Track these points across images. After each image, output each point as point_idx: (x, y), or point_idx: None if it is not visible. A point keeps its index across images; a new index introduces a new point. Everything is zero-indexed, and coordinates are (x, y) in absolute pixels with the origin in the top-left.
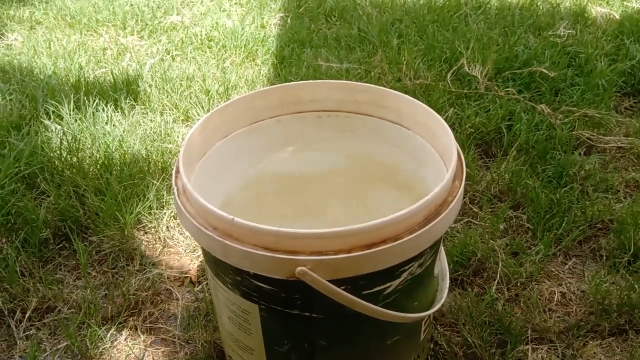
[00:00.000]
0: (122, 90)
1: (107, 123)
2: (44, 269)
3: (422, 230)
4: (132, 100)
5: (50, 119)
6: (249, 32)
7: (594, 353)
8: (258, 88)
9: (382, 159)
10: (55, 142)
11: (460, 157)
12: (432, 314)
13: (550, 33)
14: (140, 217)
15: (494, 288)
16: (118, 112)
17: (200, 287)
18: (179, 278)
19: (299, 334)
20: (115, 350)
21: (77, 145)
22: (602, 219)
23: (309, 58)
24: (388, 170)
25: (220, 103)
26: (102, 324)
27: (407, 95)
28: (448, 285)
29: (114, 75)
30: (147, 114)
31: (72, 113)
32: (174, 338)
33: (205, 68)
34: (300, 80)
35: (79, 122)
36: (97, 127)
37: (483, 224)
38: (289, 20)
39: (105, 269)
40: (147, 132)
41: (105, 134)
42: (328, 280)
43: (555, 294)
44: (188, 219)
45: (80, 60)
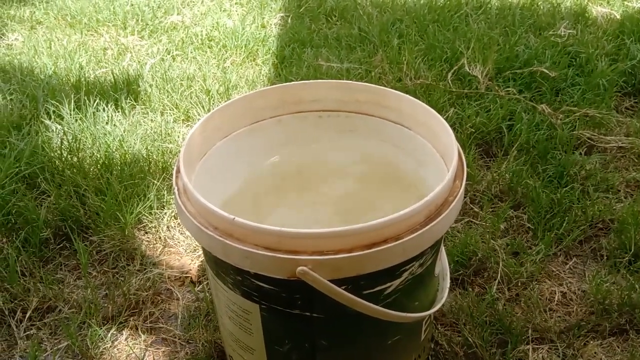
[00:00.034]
0: (122, 90)
1: (107, 123)
2: (45, 269)
3: (423, 230)
4: (132, 100)
5: (51, 119)
6: (250, 32)
7: (595, 353)
8: (258, 88)
9: (382, 159)
10: (56, 142)
11: (461, 157)
12: (432, 314)
13: (551, 33)
14: (141, 217)
15: (495, 288)
16: (118, 112)
17: (201, 286)
18: (180, 278)
19: (300, 334)
20: (116, 350)
21: (77, 145)
22: (602, 219)
23: (310, 58)
24: (388, 170)
25: (221, 103)
26: (102, 324)
27: (407, 95)
28: (449, 285)
29: (115, 75)
30: (147, 114)
31: (72, 113)
32: (175, 338)
33: (206, 68)
34: (301, 80)
35: (80, 122)
36: (97, 127)
37: (484, 224)
38: (290, 20)
39: (106, 269)
40: (147, 132)
41: (106, 134)
42: (329, 280)
43: (556, 294)
44: (189, 219)
45: (81, 60)
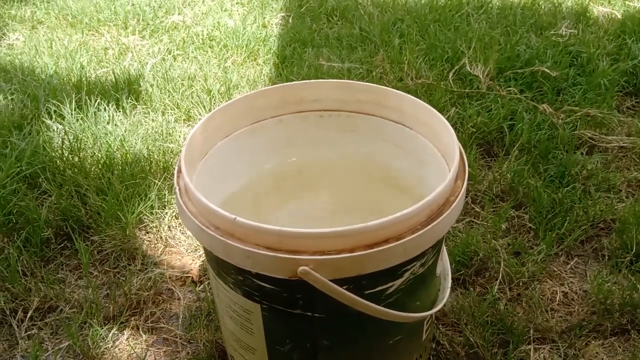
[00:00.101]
0: (123, 90)
1: (108, 123)
2: (46, 269)
3: (424, 230)
4: (133, 100)
5: (52, 119)
6: (251, 31)
7: (596, 353)
8: (259, 88)
9: (383, 159)
10: (57, 141)
11: (463, 156)
12: (434, 314)
13: (552, 32)
14: (142, 216)
15: (496, 288)
16: (119, 111)
17: (202, 286)
18: (181, 278)
19: (301, 334)
20: (117, 350)
21: (78, 145)
22: (604, 219)
23: (311, 58)
24: (390, 170)
25: (222, 103)
26: (103, 324)
27: (409, 95)
28: (450, 285)
29: (116, 75)
30: (148, 114)
31: (73, 113)
32: (176, 338)
33: (207, 68)
34: (302, 80)
35: (81, 121)
36: (98, 126)
37: (485, 224)
38: (291, 20)
39: (107, 269)
40: (148, 131)
41: (107, 134)
42: (330, 280)
43: (558, 294)
44: (190, 219)
45: (82, 60)
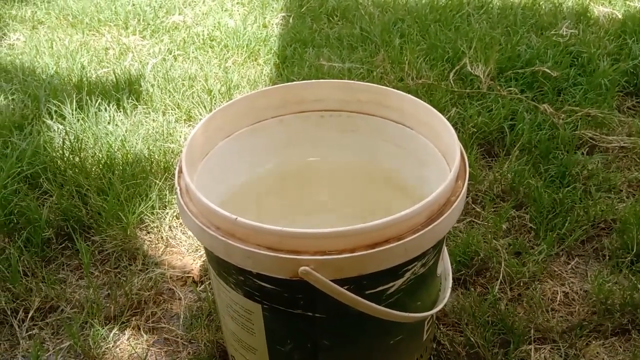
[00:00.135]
0: (124, 90)
1: (109, 123)
2: (47, 269)
3: (425, 230)
4: (134, 100)
5: (53, 119)
6: (251, 31)
7: (597, 353)
8: (260, 88)
9: (384, 159)
10: (58, 141)
11: (463, 156)
12: (434, 314)
13: (553, 32)
14: (143, 216)
15: (497, 288)
16: (120, 111)
17: (203, 286)
18: (182, 278)
19: (302, 334)
20: (118, 350)
21: (79, 145)
22: (604, 219)
23: (311, 58)
24: (390, 170)
25: (223, 103)
26: (104, 324)
27: (409, 95)
28: (451, 285)
29: (116, 75)
30: (149, 114)
31: (74, 113)
32: (177, 338)
33: (208, 68)
34: (303, 80)
35: (82, 121)
36: (99, 126)
37: (486, 224)
38: (291, 20)
39: (108, 269)
40: (149, 131)
41: (108, 134)
42: (331, 280)
43: (558, 294)
44: (191, 219)
45: (83, 60)
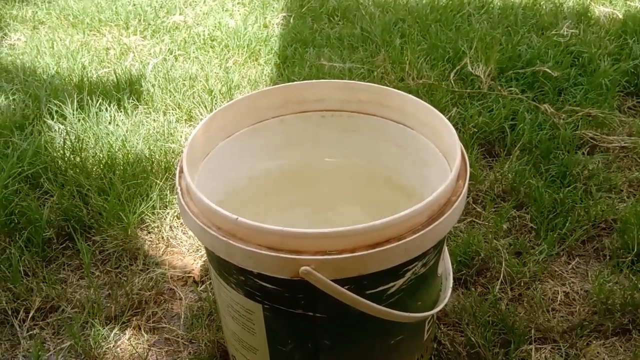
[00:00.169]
0: (125, 90)
1: (110, 123)
2: (48, 269)
3: (425, 230)
4: (135, 100)
5: (54, 119)
6: (252, 31)
7: (598, 353)
8: (261, 88)
9: (385, 159)
10: (59, 141)
11: (464, 156)
12: (435, 314)
13: (554, 32)
14: (144, 216)
15: (498, 288)
16: (121, 111)
17: (204, 286)
18: (183, 278)
19: (303, 334)
20: (119, 350)
21: (80, 145)
22: (605, 219)
23: (312, 58)
24: (391, 170)
25: (223, 103)
26: (105, 324)
27: (410, 95)
28: (451, 285)
29: (117, 75)
30: (150, 114)
31: (75, 113)
32: (178, 338)
33: (208, 68)
34: (303, 80)
35: (82, 121)
36: (100, 126)
37: (486, 224)
38: (292, 20)
39: (109, 269)
40: (150, 131)
41: (109, 134)
42: (332, 280)
43: (559, 294)
44: (192, 219)
45: (83, 60)
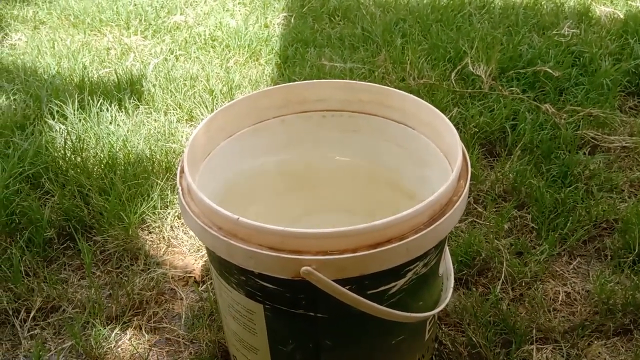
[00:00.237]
0: (126, 90)
1: (111, 123)
2: (49, 269)
3: (427, 230)
4: (136, 100)
5: (55, 119)
6: (253, 31)
7: (599, 353)
8: (262, 88)
9: (386, 159)
10: (60, 141)
11: (465, 156)
12: (436, 314)
13: (555, 32)
14: (145, 216)
15: (499, 288)
16: (122, 111)
17: (205, 286)
18: (183, 278)
19: (304, 334)
20: (120, 350)
21: (81, 145)
22: (606, 219)
23: (313, 58)
24: (392, 170)
25: (224, 103)
26: (106, 324)
27: (411, 95)
28: (452, 285)
29: (118, 75)
30: (151, 114)
31: (76, 113)
32: (178, 338)
33: (209, 68)
34: (304, 80)
35: (83, 121)
36: (101, 126)
37: (487, 224)
38: (293, 20)
39: (110, 269)
40: (151, 131)
41: (110, 134)
42: (333, 280)
43: (560, 294)
44: (193, 219)
45: (84, 60)
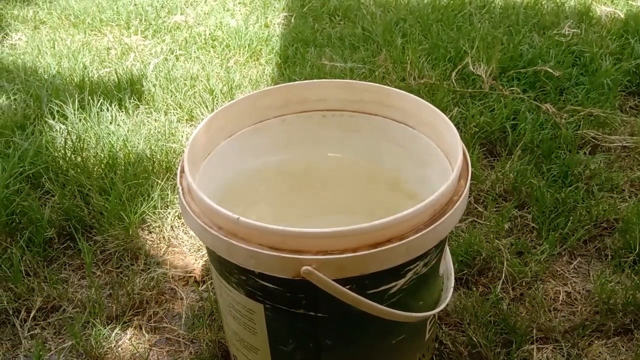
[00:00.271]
0: (126, 90)
1: (111, 122)
2: (49, 269)
3: (427, 230)
4: (136, 100)
5: (55, 119)
6: (253, 31)
7: (599, 353)
8: (262, 87)
9: (386, 159)
10: (60, 141)
11: (466, 156)
12: (437, 314)
13: (555, 32)
14: (145, 216)
15: (499, 287)
16: (122, 111)
17: (205, 286)
18: (184, 277)
19: (304, 334)
20: (120, 350)
21: (81, 145)
22: (607, 218)
23: (313, 57)
24: (392, 170)
25: (225, 102)
26: (106, 323)
27: (412, 95)
28: (453, 285)
29: (118, 75)
30: (151, 114)
31: (76, 113)
32: (179, 337)
33: (209, 67)
34: (305, 80)
35: (84, 121)
36: (101, 126)
37: (488, 224)
38: (293, 20)
39: (110, 269)
40: (151, 131)
41: (110, 134)
42: (333, 280)
43: (561, 294)
44: (193, 219)
45: (84, 60)
